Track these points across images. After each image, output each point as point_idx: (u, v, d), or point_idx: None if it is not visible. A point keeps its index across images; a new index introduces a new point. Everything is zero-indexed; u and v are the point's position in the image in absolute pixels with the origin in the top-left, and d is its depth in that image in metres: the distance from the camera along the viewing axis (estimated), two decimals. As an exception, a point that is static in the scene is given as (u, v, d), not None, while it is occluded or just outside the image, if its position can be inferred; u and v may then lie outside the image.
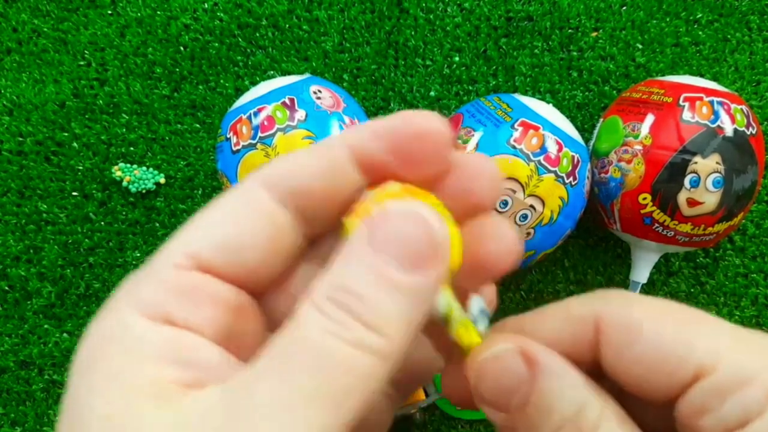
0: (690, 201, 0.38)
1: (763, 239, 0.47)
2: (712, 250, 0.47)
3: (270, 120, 0.37)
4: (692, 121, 0.38)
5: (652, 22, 0.48)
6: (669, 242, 0.40)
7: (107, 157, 0.47)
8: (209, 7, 0.48)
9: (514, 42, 0.48)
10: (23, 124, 0.47)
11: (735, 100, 0.39)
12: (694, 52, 0.47)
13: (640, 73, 0.47)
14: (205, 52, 0.48)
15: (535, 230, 0.38)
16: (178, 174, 0.47)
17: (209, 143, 0.47)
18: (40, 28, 0.48)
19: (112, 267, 0.47)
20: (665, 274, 0.47)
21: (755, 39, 0.47)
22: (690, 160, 0.38)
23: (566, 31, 0.48)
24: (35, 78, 0.48)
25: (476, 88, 0.48)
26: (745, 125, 0.39)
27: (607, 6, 0.48)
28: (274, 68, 0.48)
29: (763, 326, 0.46)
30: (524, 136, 0.38)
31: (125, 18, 0.48)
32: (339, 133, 0.17)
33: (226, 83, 0.48)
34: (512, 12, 0.48)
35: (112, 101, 0.48)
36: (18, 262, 0.47)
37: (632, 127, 0.40)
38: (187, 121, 0.48)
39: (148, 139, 0.47)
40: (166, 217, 0.47)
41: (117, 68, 0.48)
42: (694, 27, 0.48)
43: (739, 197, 0.39)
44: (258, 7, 0.48)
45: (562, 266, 0.47)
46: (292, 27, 0.48)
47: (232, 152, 0.38)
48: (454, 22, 0.48)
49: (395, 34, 0.48)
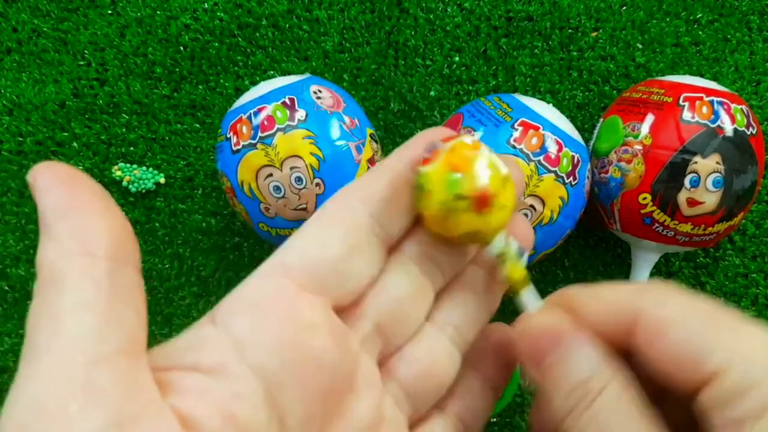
0: (690, 201, 0.38)
1: (763, 239, 0.47)
2: (712, 250, 0.47)
3: (270, 120, 0.37)
4: (692, 121, 0.38)
5: (652, 22, 0.48)
6: (669, 242, 0.40)
7: (107, 157, 0.47)
8: (209, 7, 0.48)
9: (514, 42, 0.48)
10: (23, 124, 0.47)
11: (735, 100, 0.39)
12: (694, 52, 0.47)
13: (640, 73, 0.47)
14: (205, 52, 0.48)
15: (535, 230, 0.38)
16: (178, 174, 0.47)
17: (209, 143, 0.47)
18: (40, 28, 0.48)
19: (112, 267, 0.47)
20: (665, 274, 0.47)
21: (755, 39, 0.47)
22: (690, 160, 0.38)
23: (566, 31, 0.48)
24: (35, 78, 0.48)
25: (476, 88, 0.48)
26: (745, 125, 0.39)
27: (607, 6, 0.48)
28: (274, 68, 0.48)
29: (763, 326, 0.46)
30: (524, 135, 0.38)
31: (125, 18, 0.48)
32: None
33: (226, 83, 0.48)
34: (512, 12, 0.48)
35: (112, 101, 0.48)
36: (18, 262, 0.47)
37: (632, 127, 0.40)
38: (187, 121, 0.48)
39: (148, 139, 0.47)
40: (166, 217, 0.47)
41: (117, 68, 0.48)
42: (694, 27, 0.48)
43: (739, 197, 0.39)
44: (258, 7, 0.48)
45: (562, 266, 0.47)
46: (292, 27, 0.48)
47: (232, 152, 0.38)
48: (454, 22, 0.48)
49: (395, 34, 0.48)
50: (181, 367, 0.15)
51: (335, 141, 0.38)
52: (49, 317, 0.13)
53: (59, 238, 0.14)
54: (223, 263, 0.47)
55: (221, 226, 0.47)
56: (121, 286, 0.14)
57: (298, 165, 0.37)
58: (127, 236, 0.15)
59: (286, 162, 0.37)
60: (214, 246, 0.47)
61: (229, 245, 0.47)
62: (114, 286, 0.14)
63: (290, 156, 0.37)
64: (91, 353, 0.13)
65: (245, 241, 0.47)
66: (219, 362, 0.15)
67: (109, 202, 0.15)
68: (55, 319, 0.13)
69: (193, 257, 0.47)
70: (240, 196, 0.39)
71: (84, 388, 0.13)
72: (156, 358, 0.15)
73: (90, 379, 0.13)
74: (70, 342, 0.13)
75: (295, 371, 0.16)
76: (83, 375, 0.13)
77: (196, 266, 0.47)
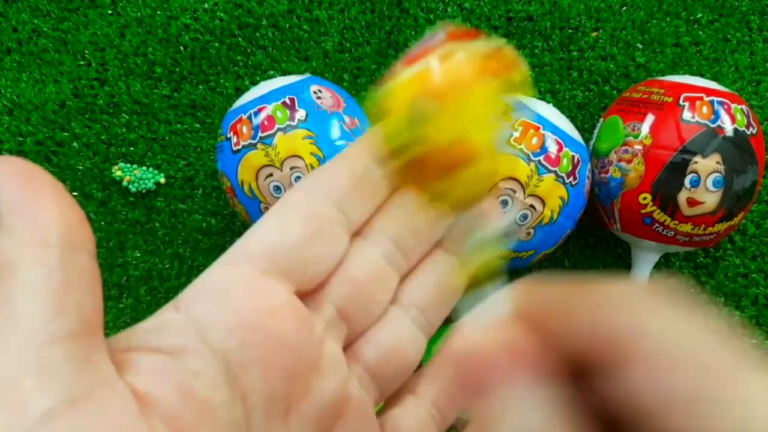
0: (690, 201, 0.38)
1: (763, 239, 0.47)
2: (713, 250, 0.47)
3: (270, 120, 0.37)
4: (692, 121, 0.38)
5: (652, 22, 0.48)
6: (669, 242, 0.40)
7: (107, 157, 0.47)
8: (209, 7, 0.48)
9: (514, 42, 0.48)
10: (23, 123, 0.47)
11: (735, 99, 0.39)
12: (695, 52, 0.47)
13: (640, 73, 0.47)
14: (205, 52, 0.48)
15: (535, 230, 0.38)
16: (178, 174, 0.47)
17: (209, 143, 0.47)
18: (40, 28, 0.48)
19: (112, 267, 0.47)
20: (665, 274, 0.47)
21: (755, 39, 0.47)
22: (690, 160, 0.38)
23: (566, 31, 0.48)
24: (35, 78, 0.48)
25: (476, 88, 0.48)
26: (746, 125, 0.39)
27: (608, 6, 0.48)
28: (274, 68, 0.48)
29: (763, 326, 0.46)
30: (524, 135, 0.38)
31: (125, 18, 0.48)
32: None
33: (226, 83, 0.48)
34: (512, 12, 0.48)
35: (112, 101, 0.48)
36: (18, 262, 0.47)
37: (632, 126, 0.40)
38: (187, 120, 0.48)
39: (148, 139, 0.47)
40: (166, 216, 0.47)
41: (117, 68, 0.48)
42: (695, 27, 0.48)
43: (739, 197, 0.39)
44: (258, 7, 0.48)
45: (562, 266, 0.47)
46: (292, 27, 0.48)
47: (233, 152, 0.38)
48: (455, 22, 0.48)
49: (395, 34, 0.48)
50: (141, 349, 0.16)
51: (335, 141, 0.38)
52: (2, 303, 0.14)
53: (12, 229, 0.14)
54: (223, 263, 0.47)
55: (221, 226, 0.47)
56: (73, 271, 0.15)
57: (298, 165, 0.37)
58: (81, 224, 0.15)
59: (286, 162, 0.37)
60: (214, 246, 0.47)
61: (229, 245, 0.47)
62: (66, 271, 0.14)
63: (290, 156, 0.37)
64: (44, 335, 0.14)
65: (245, 241, 0.47)
66: (180, 344, 0.16)
67: (62, 192, 0.15)
68: (8, 304, 0.14)
69: (193, 257, 0.47)
70: (240, 196, 0.39)
71: (37, 368, 0.13)
72: (117, 341, 0.16)
73: (42, 359, 0.13)
74: (22, 325, 0.14)
75: (257, 351, 0.16)
76: (35, 355, 0.13)
77: (196, 266, 0.47)
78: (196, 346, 0.16)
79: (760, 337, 0.46)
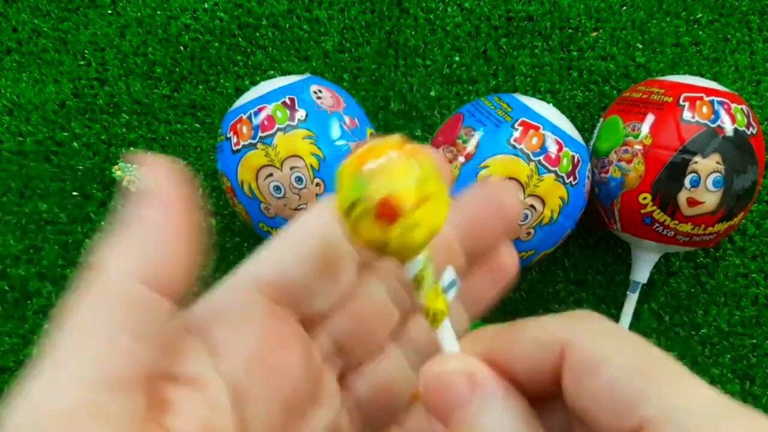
0: (690, 201, 0.38)
1: (763, 239, 0.47)
2: (713, 250, 0.47)
3: (270, 120, 0.37)
4: (692, 121, 0.38)
5: (652, 22, 0.48)
6: (669, 242, 0.40)
7: (107, 157, 0.47)
8: (209, 7, 0.48)
9: (515, 42, 0.48)
10: (23, 123, 0.47)
11: (735, 99, 0.39)
12: (695, 52, 0.47)
13: (640, 73, 0.47)
14: (205, 52, 0.48)
15: (535, 230, 0.38)
16: (178, 174, 0.47)
17: (209, 143, 0.47)
18: (40, 28, 0.48)
19: (112, 267, 0.47)
20: (665, 274, 0.47)
21: (755, 39, 0.47)
22: (690, 160, 0.38)
23: (566, 31, 0.48)
24: (35, 78, 0.48)
25: (476, 88, 0.48)
26: (746, 125, 0.39)
27: (607, 6, 0.48)
28: (274, 68, 0.48)
29: (763, 326, 0.46)
30: (524, 135, 0.38)
31: (125, 18, 0.48)
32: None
33: (226, 83, 0.48)
34: (512, 12, 0.48)
35: (112, 101, 0.48)
36: (18, 262, 0.47)
37: (632, 126, 0.40)
38: (187, 121, 0.48)
39: (148, 139, 0.47)
40: (166, 217, 0.47)
41: (117, 68, 0.48)
42: (694, 27, 0.48)
43: (739, 197, 0.39)
44: (258, 7, 0.48)
45: (562, 266, 0.47)
46: (292, 27, 0.48)
47: (233, 152, 0.38)
48: (455, 22, 0.48)
49: (395, 34, 0.48)
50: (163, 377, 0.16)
51: (335, 141, 0.38)
52: (80, 329, 0.14)
53: (125, 251, 0.15)
54: (223, 263, 0.47)
55: (221, 226, 0.47)
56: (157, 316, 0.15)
57: (298, 165, 0.37)
58: (188, 275, 0.16)
59: (286, 162, 0.37)
60: (214, 246, 0.47)
61: (229, 245, 0.47)
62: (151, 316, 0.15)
63: (290, 156, 0.37)
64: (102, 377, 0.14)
65: (245, 241, 0.47)
66: (198, 374, 0.16)
67: (194, 237, 0.16)
68: (86, 334, 0.14)
69: (193, 257, 0.47)
70: (240, 196, 0.39)
71: (93, 410, 0.13)
72: None
73: (98, 402, 0.13)
74: (87, 362, 0.14)
75: (264, 384, 0.17)
76: (91, 397, 0.13)
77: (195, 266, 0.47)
78: (212, 377, 0.16)
79: (760, 337, 0.46)
